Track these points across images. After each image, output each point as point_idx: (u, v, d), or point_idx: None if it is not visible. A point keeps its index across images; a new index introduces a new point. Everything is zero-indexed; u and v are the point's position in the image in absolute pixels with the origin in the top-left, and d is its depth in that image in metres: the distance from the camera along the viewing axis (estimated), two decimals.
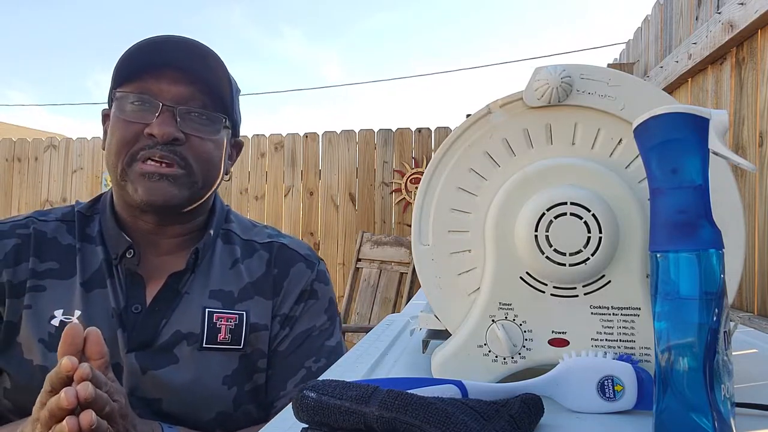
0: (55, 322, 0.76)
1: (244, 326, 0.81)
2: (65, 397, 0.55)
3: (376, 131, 4.05)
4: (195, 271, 0.82)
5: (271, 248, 0.89)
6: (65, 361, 0.57)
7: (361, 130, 4.08)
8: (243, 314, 0.82)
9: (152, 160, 0.76)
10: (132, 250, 0.80)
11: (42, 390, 0.59)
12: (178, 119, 0.78)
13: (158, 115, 0.77)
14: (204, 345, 0.79)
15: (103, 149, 0.83)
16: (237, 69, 0.88)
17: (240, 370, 0.80)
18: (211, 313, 0.80)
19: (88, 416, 0.56)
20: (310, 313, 0.87)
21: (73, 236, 0.82)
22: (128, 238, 0.80)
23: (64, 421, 0.56)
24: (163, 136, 0.76)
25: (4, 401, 0.76)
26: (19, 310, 0.76)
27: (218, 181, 0.85)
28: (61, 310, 0.77)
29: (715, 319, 0.37)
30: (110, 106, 0.83)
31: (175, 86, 0.78)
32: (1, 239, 0.79)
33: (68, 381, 0.57)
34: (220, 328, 0.80)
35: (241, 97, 0.90)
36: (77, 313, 0.77)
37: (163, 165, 0.77)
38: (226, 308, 0.81)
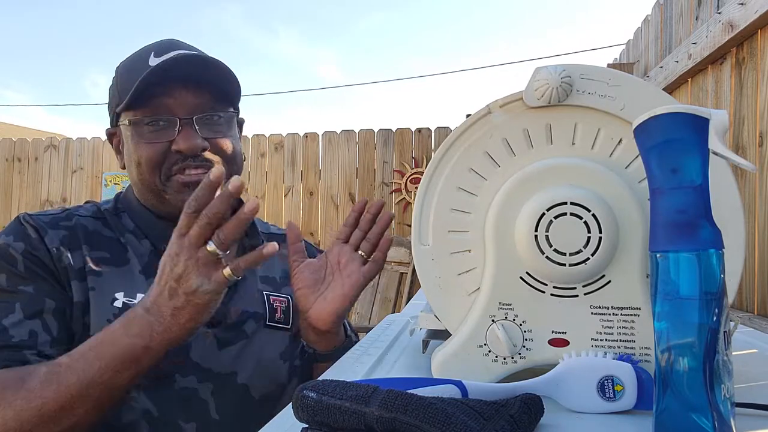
0: (118, 303, 0.77)
1: (291, 308, 0.89)
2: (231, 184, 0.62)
3: (376, 131, 4.05)
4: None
5: None
6: (216, 169, 0.62)
7: (361, 130, 4.08)
8: (289, 297, 0.89)
9: (188, 170, 0.80)
10: None
11: (182, 215, 0.64)
12: (197, 128, 0.80)
13: (179, 130, 0.79)
14: (267, 323, 0.86)
15: (122, 168, 0.87)
16: (235, 70, 0.91)
17: (290, 347, 0.88)
18: (267, 295, 0.88)
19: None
20: None
21: (110, 230, 0.84)
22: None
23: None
24: (190, 149, 0.79)
25: None
26: (86, 291, 0.78)
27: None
28: (122, 293, 0.78)
29: (715, 319, 0.37)
30: (114, 124, 0.85)
31: (188, 97, 0.80)
32: (51, 228, 0.80)
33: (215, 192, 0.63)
34: (276, 308, 0.88)
35: (241, 98, 0.92)
36: (139, 296, 0.78)
37: (199, 172, 0.80)
38: (275, 292, 0.90)
